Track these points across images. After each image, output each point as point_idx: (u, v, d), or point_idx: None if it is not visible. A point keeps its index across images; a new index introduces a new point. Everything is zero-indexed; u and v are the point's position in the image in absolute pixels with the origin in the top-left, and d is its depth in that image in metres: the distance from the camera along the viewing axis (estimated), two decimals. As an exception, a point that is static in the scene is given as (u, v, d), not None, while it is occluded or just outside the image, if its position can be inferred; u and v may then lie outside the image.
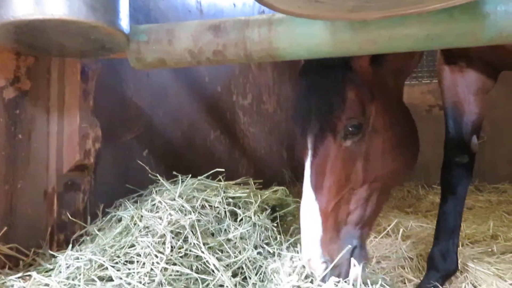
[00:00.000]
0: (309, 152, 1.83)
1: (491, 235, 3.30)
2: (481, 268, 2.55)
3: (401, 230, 3.01)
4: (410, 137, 2.03)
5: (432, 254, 2.42)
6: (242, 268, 2.16)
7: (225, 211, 2.35)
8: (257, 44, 1.84)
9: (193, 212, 2.21)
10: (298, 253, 2.06)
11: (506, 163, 5.07)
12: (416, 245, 3.01)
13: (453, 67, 2.39)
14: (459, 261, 2.42)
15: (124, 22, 1.80)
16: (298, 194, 3.65)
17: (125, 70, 2.60)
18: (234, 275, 2.11)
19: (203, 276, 1.98)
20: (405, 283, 2.46)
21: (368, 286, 1.73)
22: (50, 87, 2.08)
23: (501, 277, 2.48)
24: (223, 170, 2.51)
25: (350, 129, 1.80)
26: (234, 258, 2.16)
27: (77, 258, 1.96)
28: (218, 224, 2.31)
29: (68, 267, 1.90)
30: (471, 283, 2.42)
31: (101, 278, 1.85)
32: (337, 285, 1.72)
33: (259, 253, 2.27)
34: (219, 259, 2.09)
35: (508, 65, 2.27)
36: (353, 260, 1.77)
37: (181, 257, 2.03)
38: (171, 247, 2.02)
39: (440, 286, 2.28)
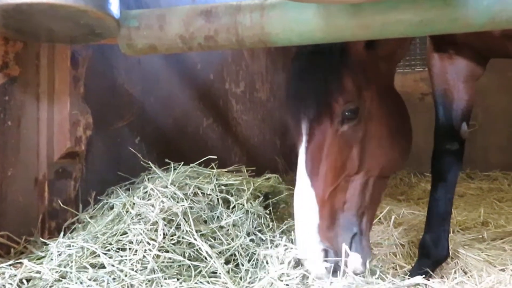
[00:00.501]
0: (304, 138, 1.79)
1: (482, 222, 3.32)
2: (471, 255, 2.58)
3: (393, 217, 3.03)
4: (404, 124, 2.02)
5: (423, 240, 2.44)
6: (235, 255, 2.16)
7: (217, 199, 2.35)
8: (249, 29, 1.81)
9: (186, 199, 2.21)
10: (292, 240, 2.07)
11: (497, 151, 5.11)
12: (407, 232, 3.03)
13: (442, 55, 2.39)
14: (450, 248, 2.44)
15: (114, 6, 1.77)
16: (291, 182, 3.65)
17: (116, 57, 2.57)
18: (227, 262, 2.11)
19: (195, 263, 1.98)
20: (396, 269, 2.48)
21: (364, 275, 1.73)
22: (40, 73, 2.05)
23: (491, 263, 2.50)
24: (216, 157, 2.50)
25: (347, 113, 1.77)
26: (227, 245, 2.16)
27: (69, 246, 1.95)
28: (211, 211, 2.31)
29: (59, 255, 1.90)
30: (461, 269, 2.44)
31: (93, 266, 1.85)
32: (329, 272, 1.71)
33: (251, 240, 2.27)
34: (211, 246, 2.09)
35: (496, 52, 2.28)
36: (351, 251, 1.73)
37: (173, 244, 2.03)
38: (164, 234, 2.02)
39: (431, 272, 2.30)
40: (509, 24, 1.59)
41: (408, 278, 1.89)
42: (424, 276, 1.89)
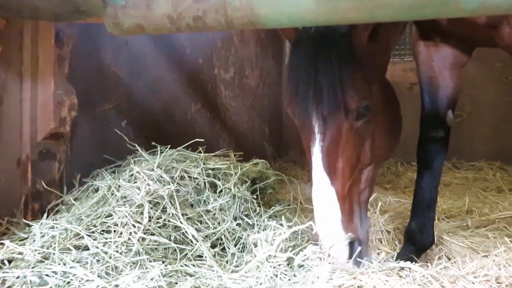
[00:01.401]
0: (317, 136, 1.78)
1: (467, 211, 3.36)
2: (455, 241, 2.61)
3: (379, 205, 3.04)
4: (398, 113, 2.06)
5: (409, 227, 2.45)
6: (221, 239, 2.16)
7: (204, 183, 2.34)
8: (238, 10, 1.78)
9: (172, 182, 2.19)
10: (281, 224, 2.07)
11: (483, 141, 5.15)
12: (393, 219, 3.05)
13: (428, 42, 2.39)
14: (435, 235, 2.46)
15: (100, -17, 1.73)
16: (280, 170, 3.66)
17: (102, 37, 2.52)
18: (213, 246, 2.11)
19: (181, 246, 1.97)
20: (382, 255, 2.50)
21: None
22: (23, 51, 2.01)
23: (474, 249, 2.53)
24: (203, 140, 2.48)
25: (362, 109, 1.78)
26: (213, 229, 2.16)
27: (52, 227, 1.93)
28: (198, 195, 2.31)
29: (42, 236, 1.88)
30: (445, 255, 2.47)
31: (77, 247, 1.83)
32: (315, 253, 1.73)
33: (238, 224, 2.27)
34: (198, 230, 2.09)
35: (481, 41, 2.28)
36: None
37: (159, 227, 2.03)
38: (149, 217, 2.00)
39: (416, 258, 2.32)
40: (500, 10, 1.58)
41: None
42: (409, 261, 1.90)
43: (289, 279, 1.75)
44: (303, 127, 1.83)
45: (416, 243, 2.42)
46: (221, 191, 2.37)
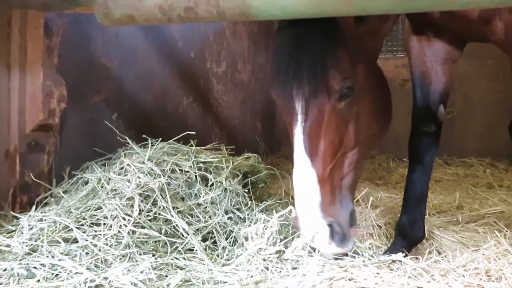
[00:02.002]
0: (299, 117, 1.73)
1: (457, 206, 3.38)
2: (446, 236, 2.62)
3: (370, 200, 3.05)
4: (387, 99, 2.03)
5: (400, 222, 2.46)
6: (212, 232, 2.15)
7: (195, 176, 2.33)
8: (230, 1, 1.76)
9: (163, 175, 2.18)
10: (271, 218, 2.06)
11: (474, 138, 5.17)
12: (384, 214, 3.06)
13: (420, 37, 2.39)
14: (425, 229, 2.47)
15: (90, -29, 1.70)
16: (272, 165, 3.65)
17: (93, 28, 2.49)
18: (204, 239, 2.10)
19: (172, 239, 1.96)
20: (373, 249, 2.50)
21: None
22: (11, 41, 1.97)
23: (464, 244, 2.55)
24: (194, 133, 2.47)
25: (345, 90, 1.73)
26: (204, 222, 2.15)
27: (41, 220, 1.91)
28: (189, 188, 2.29)
29: (31, 229, 1.85)
30: (436, 249, 2.48)
31: (66, 240, 1.81)
32: (304, 249, 1.72)
33: (229, 218, 2.26)
34: (189, 223, 2.07)
35: (473, 36, 2.29)
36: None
37: (149, 220, 2.01)
38: (140, 210, 1.99)
39: (407, 253, 2.32)
40: (492, 3, 1.58)
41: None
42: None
43: (280, 272, 1.74)
44: (285, 107, 1.78)
45: (407, 237, 2.42)
46: (212, 184, 2.35)
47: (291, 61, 1.74)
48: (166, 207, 2.04)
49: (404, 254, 2.19)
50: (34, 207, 2.07)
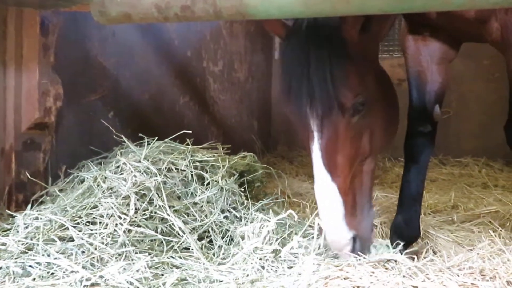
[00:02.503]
0: (316, 134, 1.78)
1: (452, 206, 3.39)
2: (441, 236, 2.63)
3: (366, 199, 3.06)
4: (394, 100, 2.05)
5: (395, 221, 2.47)
6: (208, 231, 2.15)
7: (192, 175, 2.33)
8: (227, 0, 1.77)
9: (159, 174, 2.17)
10: (268, 217, 2.06)
11: (470, 137, 5.19)
12: (380, 213, 3.07)
13: (416, 37, 2.40)
14: (421, 229, 2.48)
15: (87, -30, 1.70)
16: (268, 164, 3.65)
17: (89, 27, 2.48)
18: (200, 238, 2.10)
19: (168, 238, 1.96)
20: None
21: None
22: (7, 39, 1.97)
23: (459, 243, 2.56)
24: (190, 132, 2.46)
25: (357, 105, 1.78)
26: (200, 221, 2.15)
27: (37, 218, 1.90)
28: (185, 187, 2.29)
29: (26, 227, 1.85)
30: (431, 249, 2.49)
31: (61, 238, 1.81)
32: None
33: (225, 217, 2.26)
34: (185, 222, 2.07)
35: (469, 36, 2.30)
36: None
37: (145, 219, 2.01)
38: (136, 208, 1.99)
39: (402, 252, 2.33)
40: (488, 4, 1.59)
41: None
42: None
43: (276, 271, 1.75)
44: (299, 124, 1.83)
45: (403, 236, 2.43)
46: (208, 183, 2.35)
47: (303, 80, 1.77)
48: (162, 206, 2.04)
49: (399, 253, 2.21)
50: (29, 205, 2.07)
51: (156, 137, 2.47)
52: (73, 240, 1.80)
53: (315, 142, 1.79)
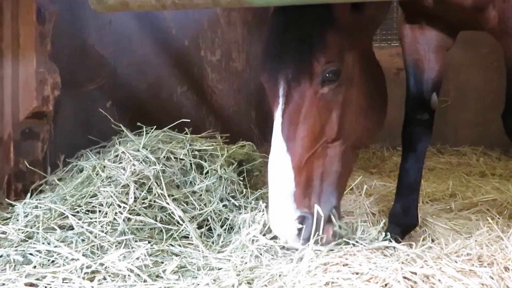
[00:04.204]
0: (280, 100, 1.68)
1: (450, 194, 3.41)
2: (439, 224, 2.64)
3: (364, 188, 3.07)
4: (382, 93, 1.97)
5: (393, 209, 2.48)
6: (207, 220, 2.16)
7: (191, 164, 2.33)
8: (225, -13, 1.75)
9: (158, 163, 2.17)
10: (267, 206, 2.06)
11: (468, 126, 5.21)
12: (378, 201, 3.09)
13: (413, 26, 2.40)
14: (419, 217, 2.49)
15: (83, -43, 1.68)
16: (266, 153, 3.65)
17: (86, 15, 2.47)
18: (199, 227, 2.11)
19: (167, 226, 1.97)
20: (367, 236, 2.52)
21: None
22: (3, 27, 1.95)
23: (457, 231, 2.57)
24: (189, 121, 2.46)
25: (328, 74, 1.67)
26: (199, 210, 2.15)
27: (36, 207, 1.91)
28: (184, 176, 2.29)
29: (26, 216, 1.85)
30: (429, 236, 2.51)
31: (61, 227, 1.81)
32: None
33: (224, 206, 2.27)
34: (184, 211, 2.08)
35: (466, 24, 2.30)
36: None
37: (145, 207, 2.02)
38: (135, 197, 1.99)
39: (400, 240, 2.35)
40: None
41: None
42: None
43: (275, 259, 1.75)
44: (270, 91, 1.74)
45: (401, 224, 2.44)
46: (207, 172, 2.36)
47: (278, 43, 1.70)
48: (162, 194, 2.05)
49: (397, 241, 2.22)
50: (29, 194, 2.07)
51: (155, 126, 2.47)
52: (73, 229, 1.80)
53: (278, 109, 1.68)
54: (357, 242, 1.78)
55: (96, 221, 1.85)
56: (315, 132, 1.69)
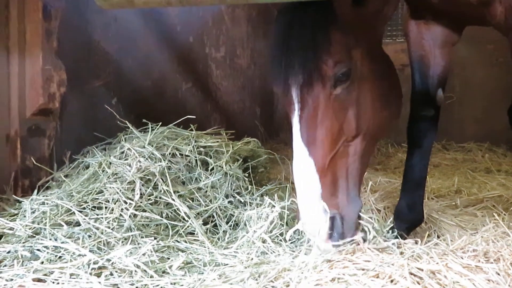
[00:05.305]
0: (296, 106, 1.69)
1: (456, 190, 3.39)
2: (445, 220, 2.64)
3: (370, 184, 3.06)
4: (395, 84, 1.97)
5: (399, 205, 2.48)
6: (213, 216, 2.17)
7: (196, 160, 2.33)
8: (231, -17, 1.75)
9: (163, 159, 2.18)
10: (275, 202, 2.06)
11: (473, 123, 5.18)
12: (383, 198, 3.08)
13: (419, 21, 2.38)
14: (424, 213, 2.49)
15: (89, -46, 1.68)
16: (271, 150, 3.66)
17: (91, 12, 2.47)
18: (205, 223, 2.11)
19: (173, 223, 1.97)
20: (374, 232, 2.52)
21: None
22: (10, 24, 1.96)
23: (463, 227, 2.56)
24: (194, 117, 2.47)
25: (340, 75, 1.68)
26: (205, 206, 2.16)
27: (43, 203, 1.92)
28: (189, 172, 2.30)
29: (33, 212, 1.87)
30: (435, 233, 2.50)
31: (68, 223, 1.82)
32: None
33: (230, 202, 2.27)
34: (189, 207, 2.08)
35: (472, 19, 2.28)
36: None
37: (151, 204, 2.02)
38: (141, 194, 2.00)
39: (406, 236, 2.34)
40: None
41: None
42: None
43: (281, 254, 1.76)
44: (283, 97, 1.75)
45: (406, 220, 2.44)
46: (212, 168, 2.36)
47: (284, 49, 1.70)
48: (167, 191, 2.05)
49: (403, 237, 2.22)
50: (36, 191, 2.08)
51: (160, 123, 2.47)
52: (79, 225, 1.81)
53: (295, 115, 1.70)
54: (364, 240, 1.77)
55: (102, 217, 1.86)
56: (334, 133, 1.71)
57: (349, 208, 1.71)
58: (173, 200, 2.03)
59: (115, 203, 1.92)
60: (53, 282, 1.44)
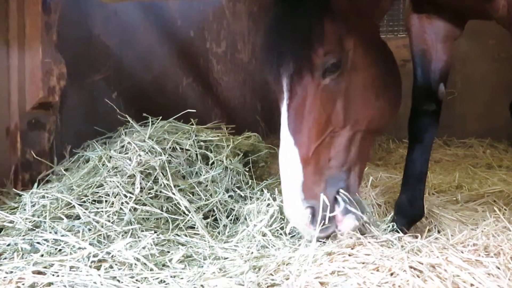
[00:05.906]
0: (285, 94, 1.70)
1: (456, 186, 3.39)
2: (445, 215, 2.63)
3: (370, 179, 3.06)
4: (392, 77, 1.94)
5: (399, 200, 2.47)
6: (213, 210, 2.17)
7: (196, 154, 2.33)
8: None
9: (164, 153, 2.18)
10: (273, 197, 2.06)
11: (474, 118, 5.17)
12: (384, 193, 3.08)
13: (421, 15, 2.37)
14: (425, 208, 2.48)
15: None
16: (272, 145, 3.66)
17: (91, 5, 2.46)
18: (205, 217, 2.11)
19: (173, 217, 1.97)
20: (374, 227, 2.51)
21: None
22: (9, 18, 1.95)
23: (463, 222, 2.56)
24: (194, 111, 2.46)
25: (329, 65, 1.67)
26: (205, 200, 2.16)
27: (43, 197, 1.92)
28: (190, 167, 2.30)
29: (33, 205, 1.87)
30: (435, 228, 2.50)
31: (68, 216, 1.82)
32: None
33: (230, 196, 2.27)
34: (190, 201, 2.08)
35: (475, 13, 2.27)
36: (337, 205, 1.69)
37: (151, 198, 2.02)
38: (141, 187, 2.00)
39: (406, 230, 2.34)
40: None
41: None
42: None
43: (281, 248, 1.76)
44: (274, 85, 1.76)
45: (406, 215, 2.44)
46: (213, 163, 2.36)
47: (277, 37, 1.71)
48: (167, 184, 2.05)
49: (403, 232, 2.22)
50: (36, 184, 2.08)
51: (160, 117, 2.47)
52: (79, 218, 1.81)
53: (284, 103, 1.70)
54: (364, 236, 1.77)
55: (102, 211, 1.86)
56: (320, 123, 1.70)
57: (329, 194, 1.70)
58: (174, 194, 2.03)
59: (115, 197, 1.92)
60: (53, 275, 1.44)
